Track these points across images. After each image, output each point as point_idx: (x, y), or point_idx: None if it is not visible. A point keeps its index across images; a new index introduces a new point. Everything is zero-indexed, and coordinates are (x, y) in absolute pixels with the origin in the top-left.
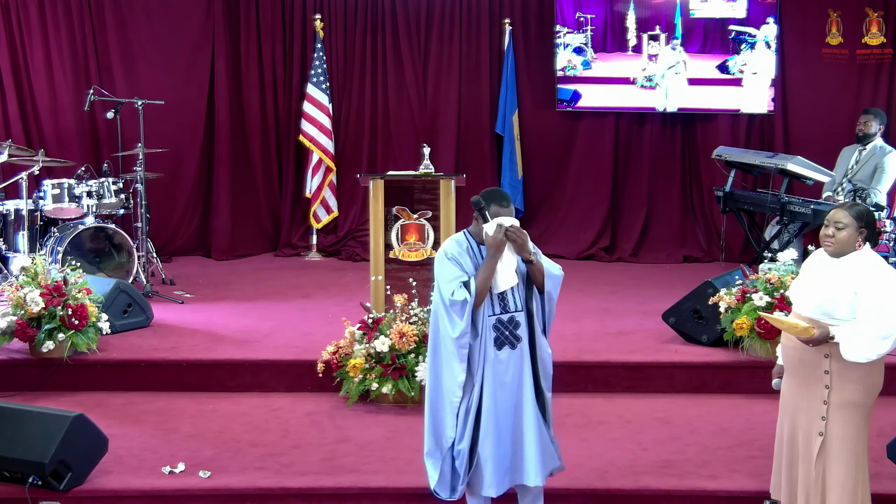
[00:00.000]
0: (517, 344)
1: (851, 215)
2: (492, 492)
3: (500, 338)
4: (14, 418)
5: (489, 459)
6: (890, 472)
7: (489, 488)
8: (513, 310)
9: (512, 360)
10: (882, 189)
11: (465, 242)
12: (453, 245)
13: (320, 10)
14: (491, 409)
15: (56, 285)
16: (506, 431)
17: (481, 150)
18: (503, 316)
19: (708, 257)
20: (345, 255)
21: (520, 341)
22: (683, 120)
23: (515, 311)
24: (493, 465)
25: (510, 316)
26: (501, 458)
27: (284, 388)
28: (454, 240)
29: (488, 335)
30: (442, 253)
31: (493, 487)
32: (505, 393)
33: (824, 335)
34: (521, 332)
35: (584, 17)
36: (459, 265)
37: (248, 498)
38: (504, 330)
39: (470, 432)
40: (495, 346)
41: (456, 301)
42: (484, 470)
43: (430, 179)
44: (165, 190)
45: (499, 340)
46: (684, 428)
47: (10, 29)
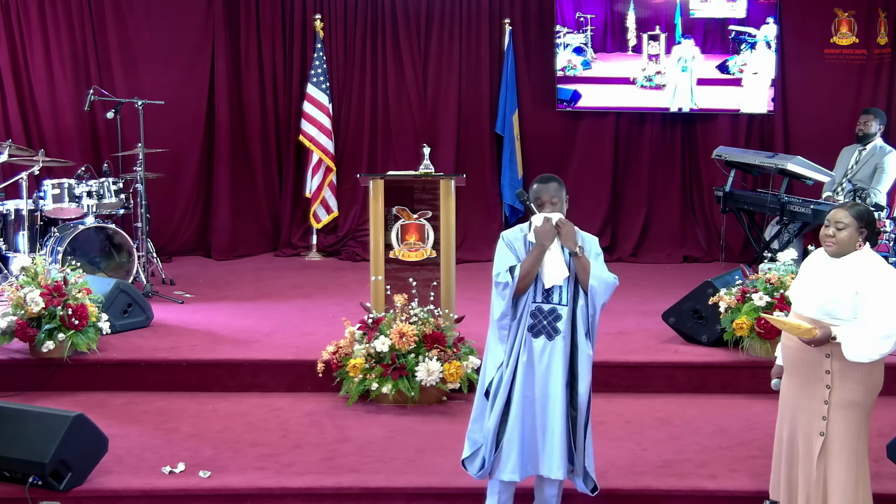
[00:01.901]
0: (554, 336)
1: (852, 215)
2: (510, 476)
3: (536, 325)
4: (14, 418)
5: (514, 444)
6: (890, 472)
7: (510, 473)
8: (555, 302)
9: (547, 350)
10: (882, 189)
11: (526, 230)
12: (514, 231)
13: (320, 10)
14: (520, 395)
15: (56, 285)
16: (532, 419)
17: (481, 150)
18: (544, 305)
19: (708, 257)
20: (345, 255)
21: (558, 334)
22: (683, 120)
23: (558, 304)
24: (516, 451)
25: (552, 307)
26: (524, 445)
27: (284, 388)
28: (516, 227)
29: (525, 321)
30: (501, 238)
31: (513, 472)
32: (536, 381)
33: (826, 336)
34: (562, 325)
35: (584, 17)
36: (514, 250)
37: (248, 498)
38: (542, 319)
39: (499, 414)
40: (531, 333)
41: (499, 283)
42: (506, 454)
43: (430, 179)
44: (165, 190)
45: (535, 328)
46: (684, 428)
47: (10, 29)
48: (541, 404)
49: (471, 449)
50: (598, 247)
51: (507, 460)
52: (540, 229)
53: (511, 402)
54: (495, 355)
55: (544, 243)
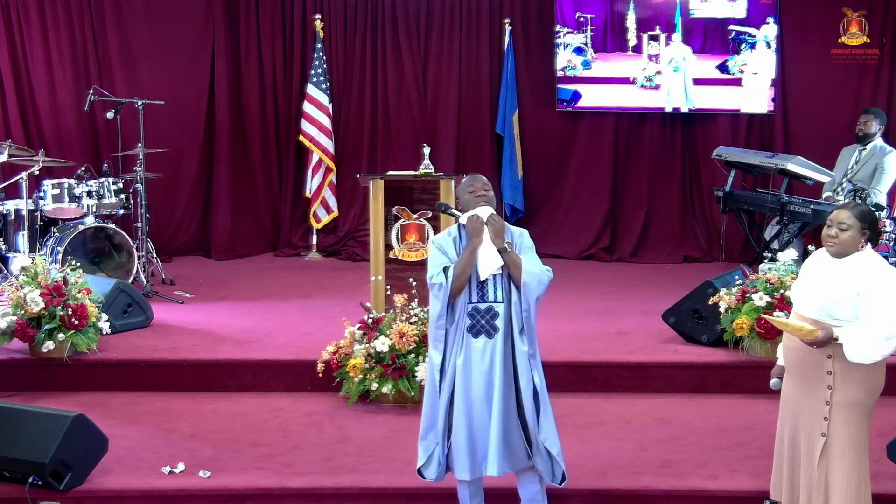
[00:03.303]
0: (494, 334)
1: (854, 216)
2: (461, 475)
3: (474, 325)
4: (14, 418)
5: (461, 444)
6: (890, 472)
7: (461, 472)
8: (491, 300)
9: (488, 350)
10: (882, 189)
11: (454, 233)
12: (442, 235)
13: (320, 10)
14: (462, 396)
15: (56, 285)
16: (478, 419)
17: (481, 150)
18: (480, 305)
19: (708, 257)
20: (345, 255)
21: (497, 332)
22: (683, 120)
23: (494, 302)
24: (465, 451)
25: (488, 306)
26: (473, 445)
27: (284, 388)
28: (446, 231)
29: (464, 322)
30: (431, 243)
31: (462, 471)
32: (477, 381)
33: (828, 336)
34: (500, 323)
35: (584, 17)
36: (445, 252)
37: (248, 498)
38: (480, 318)
39: (444, 416)
40: (471, 334)
41: (434, 284)
42: (457, 454)
43: (430, 179)
44: (165, 190)
45: (474, 328)
46: (684, 428)
47: (10, 29)
48: (485, 404)
49: (423, 451)
50: (529, 240)
51: (457, 460)
52: (469, 227)
53: (454, 403)
54: (435, 358)
55: (473, 240)
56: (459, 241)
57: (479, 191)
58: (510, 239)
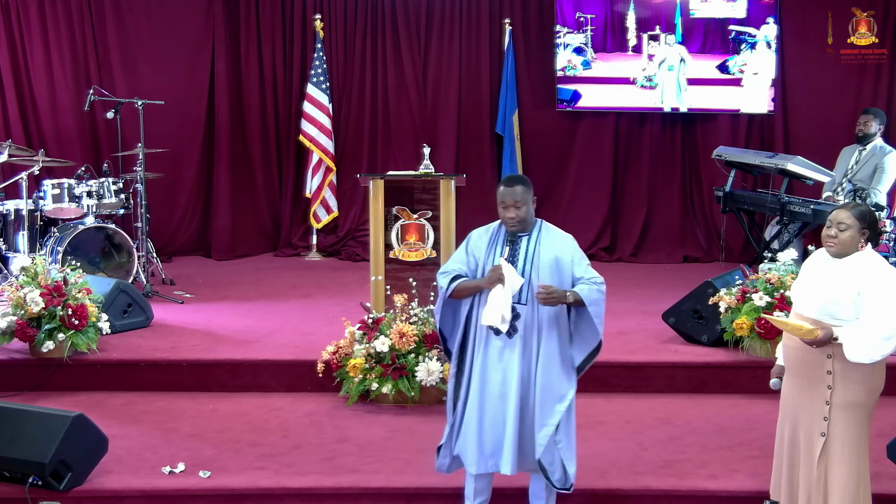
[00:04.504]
0: (514, 334)
1: (854, 216)
2: (470, 468)
3: None
4: (14, 418)
5: (471, 437)
6: (890, 472)
7: (468, 464)
8: (515, 301)
9: (506, 349)
10: (882, 189)
11: (493, 229)
12: (481, 229)
13: (320, 10)
14: (478, 391)
15: (56, 285)
16: (490, 416)
17: (481, 150)
18: None
19: (708, 257)
20: (345, 255)
21: (516, 332)
22: (683, 120)
23: (518, 303)
24: (475, 444)
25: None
26: (483, 440)
27: (284, 388)
28: (489, 225)
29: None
30: (469, 236)
31: (471, 464)
32: (495, 379)
33: (828, 336)
34: (520, 324)
35: (584, 17)
36: (470, 252)
37: (248, 498)
38: None
39: (461, 408)
40: (492, 331)
41: (439, 276)
42: (466, 446)
43: (430, 179)
44: (165, 190)
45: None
46: (684, 428)
47: (10, 29)
48: (500, 401)
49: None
50: (578, 249)
51: (466, 452)
52: (489, 273)
53: (469, 397)
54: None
55: (483, 283)
56: (495, 236)
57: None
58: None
